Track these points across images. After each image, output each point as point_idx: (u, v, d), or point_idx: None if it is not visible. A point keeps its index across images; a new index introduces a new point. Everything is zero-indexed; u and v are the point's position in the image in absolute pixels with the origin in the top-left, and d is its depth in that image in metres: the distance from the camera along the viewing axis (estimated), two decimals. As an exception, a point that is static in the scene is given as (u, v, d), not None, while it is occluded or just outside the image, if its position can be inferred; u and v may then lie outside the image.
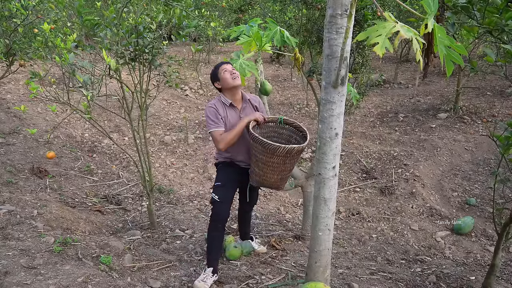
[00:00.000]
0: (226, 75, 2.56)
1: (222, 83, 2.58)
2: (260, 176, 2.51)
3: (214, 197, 2.59)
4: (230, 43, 12.69)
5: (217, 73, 2.60)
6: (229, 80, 2.56)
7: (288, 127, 2.69)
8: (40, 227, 2.91)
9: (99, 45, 2.85)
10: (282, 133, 2.72)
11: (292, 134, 2.69)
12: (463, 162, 5.20)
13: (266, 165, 2.40)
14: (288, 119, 2.67)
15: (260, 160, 2.40)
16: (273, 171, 2.44)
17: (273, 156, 2.31)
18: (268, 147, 2.27)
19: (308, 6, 4.88)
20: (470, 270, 3.00)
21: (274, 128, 2.72)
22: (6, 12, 3.93)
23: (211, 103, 2.60)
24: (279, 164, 2.39)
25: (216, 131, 2.51)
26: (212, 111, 2.54)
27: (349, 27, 1.49)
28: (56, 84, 6.42)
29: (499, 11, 1.77)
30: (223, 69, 2.57)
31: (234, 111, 2.63)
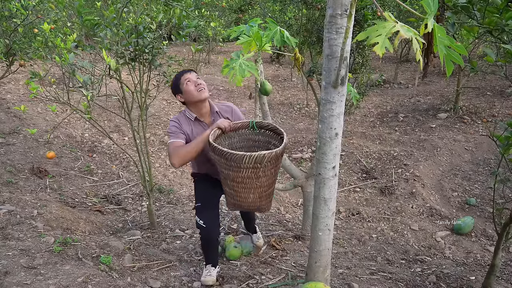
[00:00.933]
0: (189, 87, 2.25)
1: (186, 96, 2.27)
2: (233, 197, 2.12)
3: (199, 222, 2.37)
4: (230, 43, 12.70)
5: (178, 84, 2.28)
6: (193, 92, 2.25)
7: (264, 132, 2.30)
8: (40, 227, 2.92)
9: (99, 45, 2.85)
10: (258, 139, 2.35)
11: (270, 139, 2.31)
12: (463, 162, 5.20)
13: (236, 182, 1.99)
14: (261, 121, 2.29)
15: (228, 177, 2.00)
16: (246, 189, 2.02)
17: (240, 169, 1.91)
18: (231, 157, 1.86)
19: (308, 6, 4.88)
20: (470, 270, 3.00)
21: (248, 136, 2.35)
22: (6, 12, 3.93)
23: (174, 118, 2.33)
24: (250, 178, 1.96)
25: (172, 142, 2.19)
26: (173, 125, 2.27)
27: (349, 27, 1.49)
28: (56, 84, 6.42)
29: (499, 11, 1.77)
30: (186, 79, 2.26)
31: (201, 126, 2.33)
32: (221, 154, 1.92)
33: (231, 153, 1.87)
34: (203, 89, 2.27)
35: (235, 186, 2.03)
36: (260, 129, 2.30)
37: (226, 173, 2.01)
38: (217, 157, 1.98)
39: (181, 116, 2.34)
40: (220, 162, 1.99)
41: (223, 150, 1.89)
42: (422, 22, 1.08)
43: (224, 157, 1.91)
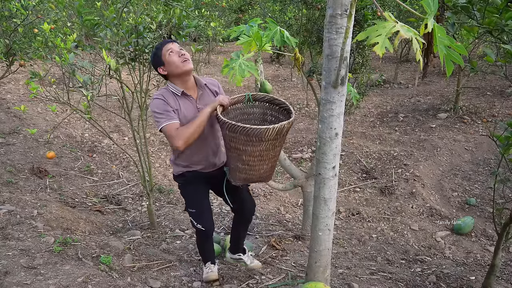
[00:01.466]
0: (173, 58, 2.05)
1: (169, 68, 2.07)
2: (245, 172, 2.09)
3: (197, 226, 2.32)
4: (230, 43, 12.70)
5: (160, 55, 2.06)
6: (177, 63, 2.05)
7: (259, 104, 2.25)
8: (40, 227, 2.92)
9: (99, 45, 2.85)
10: (253, 112, 2.29)
11: (266, 110, 2.26)
12: (463, 162, 5.20)
13: (253, 156, 1.99)
14: (256, 94, 2.23)
15: (245, 152, 1.97)
16: (262, 161, 2.03)
17: (260, 142, 1.91)
18: (253, 133, 1.84)
19: (308, 6, 4.88)
20: (470, 270, 3.00)
21: (242, 110, 2.28)
22: (6, 12, 3.93)
23: (156, 94, 2.09)
24: (268, 150, 1.98)
25: (168, 124, 2.00)
26: (160, 103, 2.04)
27: (349, 27, 1.49)
28: (56, 84, 6.42)
29: (499, 11, 1.77)
30: (168, 50, 2.05)
31: (189, 101, 2.14)
32: (241, 131, 1.86)
33: (254, 128, 1.84)
34: (188, 60, 2.08)
35: (251, 161, 2.01)
36: (256, 102, 2.24)
37: (242, 149, 1.96)
38: (233, 134, 1.91)
39: (165, 91, 2.11)
40: (237, 139, 1.93)
41: (245, 126, 1.84)
42: (422, 22, 1.08)
43: (244, 133, 1.86)
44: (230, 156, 2.12)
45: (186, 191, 2.36)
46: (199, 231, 2.36)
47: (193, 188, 2.32)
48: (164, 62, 2.07)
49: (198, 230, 2.36)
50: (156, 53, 2.09)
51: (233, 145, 1.99)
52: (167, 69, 2.09)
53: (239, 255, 2.67)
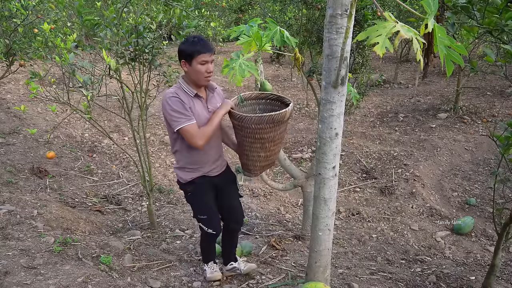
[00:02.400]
0: (201, 69, 2.04)
1: (192, 73, 2.07)
2: (266, 159, 2.28)
3: (208, 230, 2.37)
4: (230, 43, 12.69)
5: (192, 55, 2.02)
6: (201, 76, 2.07)
7: (247, 102, 2.44)
8: (40, 227, 2.92)
9: (99, 45, 2.85)
10: (245, 111, 2.45)
11: (256, 106, 2.47)
12: (463, 162, 5.20)
13: (274, 141, 2.19)
14: (246, 93, 2.41)
15: (268, 140, 2.15)
16: (279, 143, 2.26)
17: (281, 125, 2.11)
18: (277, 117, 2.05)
19: (308, 6, 4.88)
20: (470, 270, 3.00)
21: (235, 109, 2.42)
22: (6, 12, 3.93)
23: (171, 92, 2.09)
24: (283, 131, 2.21)
25: (189, 125, 2.04)
26: (177, 102, 2.04)
27: (349, 27, 1.49)
28: (56, 84, 6.42)
29: (499, 11, 1.77)
30: (202, 60, 2.03)
31: (200, 101, 2.17)
32: (268, 120, 2.04)
33: (277, 112, 2.05)
34: (210, 78, 2.13)
35: (272, 145, 2.20)
36: (245, 101, 2.42)
37: (266, 137, 2.13)
38: (260, 125, 2.07)
39: (179, 90, 2.11)
40: (261, 130, 2.10)
41: (270, 114, 2.04)
42: (422, 22, 1.08)
43: (271, 120, 2.04)
44: (249, 152, 2.25)
45: (196, 199, 2.36)
46: (209, 235, 2.40)
47: (202, 195, 2.35)
48: (191, 64, 2.05)
49: (208, 234, 2.40)
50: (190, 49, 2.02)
51: (258, 136, 2.13)
52: (188, 70, 2.08)
53: (231, 264, 2.63)
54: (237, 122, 2.17)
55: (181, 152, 2.25)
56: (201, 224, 2.39)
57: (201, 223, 2.39)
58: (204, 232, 2.41)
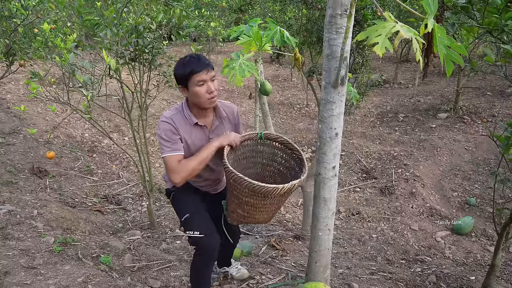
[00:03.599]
0: (200, 91, 1.79)
1: (192, 97, 1.83)
2: (244, 218, 1.96)
3: (193, 234, 1.90)
4: (230, 43, 12.69)
5: (187, 79, 1.78)
6: (203, 99, 1.81)
7: (270, 143, 2.08)
8: (40, 227, 2.92)
9: (99, 45, 2.85)
10: (263, 150, 2.11)
11: (277, 151, 2.10)
12: (463, 162, 5.20)
13: (255, 207, 1.84)
14: (270, 133, 2.05)
15: (246, 203, 1.83)
16: (263, 212, 1.90)
17: (266, 198, 1.76)
18: (259, 190, 1.68)
19: (308, 6, 4.88)
20: (470, 270, 3.00)
21: (252, 147, 2.11)
22: (6, 12, 3.93)
23: (166, 116, 1.84)
24: (272, 204, 1.85)
25: (171, 156, 1.79)
26: (168, 129, 1.81)
27: (349, 27, 1.49)
28: (56, 84, 6.41)
29: (498, 11, 1.77)
30: (200, 80, 1.78)
31: (202, 130, 1.93)
32: (247, 185, 1.68)
33: (260, 186, 1.67)
34: (215, 98, 1.83)
35: (252, 210, 1.86)
36: (267, 140, 2.06)
37: (245, 200, 1.81)
38: (237, 185, 1.73)
39: (177, 115, 1.87)
40: (239, 190, 1.77)
41: (251, 182, 1.67)
42: (422, 22, 1.08)
43: (250, 188, 1.69)
44: (230, 199, 1.94)
45: (179, 199, 2.04)
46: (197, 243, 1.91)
47: (188, 195, 2.05)
48: (187, 87, 1.81)
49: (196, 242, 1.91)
50: (182, 72, 1.79)
51: (235, 193, 1.82)
52: (188, 95, 1.85)
53: (224, 268, 2.53)
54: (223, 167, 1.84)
55: None
56: (185, 228, 1.96)
57: (185, 226, 1.96)
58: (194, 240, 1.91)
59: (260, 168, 2.15)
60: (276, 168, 2.13)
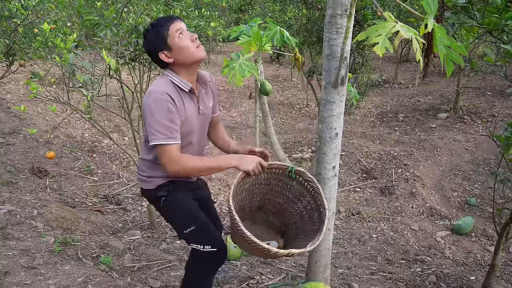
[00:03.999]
0: (186, 42, 1.57)
1: (178, 55, 1.58)
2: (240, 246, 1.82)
3: (205, 249, 1.68)
4: (230, 43, 12.69)
5: (165, 36, 1.55)
6: (192, 50, 1.58)
7: (301, 181, 1.84)
8: (40, 227, 2.92)
9: (99, 45, 2.85)
10: (292, 185, 1.88)
11: (305, 192, 1.84)
12: (463, 162, 5.19)
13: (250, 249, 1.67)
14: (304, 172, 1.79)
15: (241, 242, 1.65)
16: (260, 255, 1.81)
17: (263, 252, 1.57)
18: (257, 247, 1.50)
19: (308, 6, 4.88)
20: (470, 270, 3.00)
21: (279, 176, 1.87)
22: (6, 12, 3.93)
23: (159, 90, 1.54)
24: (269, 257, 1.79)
25: (170, 146, 1.53)
26: (166, 107, 1.52)
27: (349, 27, 1.49)
28: (56, 84, 6.42)
29: (498, 11, 1.77)
30: (177, 30, 1.56)
31: (191, 99, 1.67)
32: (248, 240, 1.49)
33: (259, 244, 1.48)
34: (201, 46, 1.63)
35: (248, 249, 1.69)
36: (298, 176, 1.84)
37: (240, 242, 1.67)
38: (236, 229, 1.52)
39: (169, 86, 1.58)
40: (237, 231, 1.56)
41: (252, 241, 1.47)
42: (422, 22, 1.08)
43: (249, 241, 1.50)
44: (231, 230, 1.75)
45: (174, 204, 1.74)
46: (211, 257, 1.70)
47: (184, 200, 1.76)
48: (170, 47, 1.57)
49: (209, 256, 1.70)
50: (158, 33, 1.56)
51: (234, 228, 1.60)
52: (174, 56, 1.59)
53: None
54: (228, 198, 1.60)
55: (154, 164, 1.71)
56: (191, 240, 1.71)
57: (191, 239, 1.71)
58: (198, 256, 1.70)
59: (283, 200, 1.95)
60: (300, 209, 1.91)
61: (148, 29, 1.61)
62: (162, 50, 1.59)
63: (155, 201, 1.77)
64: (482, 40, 5.81)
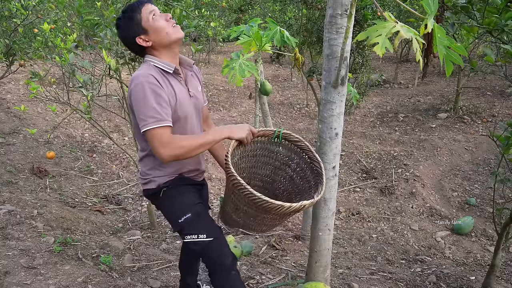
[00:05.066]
0: (160, 22, 1.53)
1: (155, 36, 1.54)
2: (237, 224, 1.78)
3: (198, 238, 1.55)
4: (230, 43, 12.69)
5: (138, 19, 1.52)
6: (168, 29, 1.54)
7: (287, 145, 1.83)
8: (40, 227, 2.92)
9: (99, 45, 2.86)
10: (278, 151, 1.85)
11: (294, 156, 1.83)
12: (463, 162, 5.20)
13: (253, 218, 1.63)
14: (290, 134, 1.77)
15: (244, 212, 1.61)
16: (261, 224, 1.69)
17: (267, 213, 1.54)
18: (262, 204, 1.44)
19: (308, 6, 4.88)
20: (470, 270, 3.00)
21: (265, 144, 1.84)
22: (6, 12, 3.93)
23: (142, 73, 1.49)
24: (274, 219, 1.64)
25: (161, 128, 1.45)
26: (150, 88, 1.45)
27: (349, 27, 1.49)
28: (56, 84, 6.42)
29: (498, 11, 1.77)
30: (151, 12, 1.53)
31: (179, 82, 1.61)
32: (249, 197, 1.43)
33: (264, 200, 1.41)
34: (178, 25, 1.59)
35: (249, 220, 1.65)
36: (284, 141, 1.82)
37: (243, 209, 1.58)
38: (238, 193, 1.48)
39: (150, 68, 1.53)
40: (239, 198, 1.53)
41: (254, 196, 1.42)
42: (422, 22, 1.08)
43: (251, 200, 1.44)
44: (227, 201, 1.71)
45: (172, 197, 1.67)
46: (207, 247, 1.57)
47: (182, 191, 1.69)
48: (146, 29, 1.53)
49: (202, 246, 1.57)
50: (131, 18, 1.53)
51: (233, 199, 1.59)
52: (152, 39, 1.54)
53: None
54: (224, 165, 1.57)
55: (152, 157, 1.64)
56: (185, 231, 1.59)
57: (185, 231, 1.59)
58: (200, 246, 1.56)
59: (270, 170, 1.92)
60: (289, 174, 1.89)
61: (120, 17, 1.58)
62: (138, 35, 1.55)
63: (156, 195, 1.69)
64: (482, 40, 5.81)
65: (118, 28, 1.60)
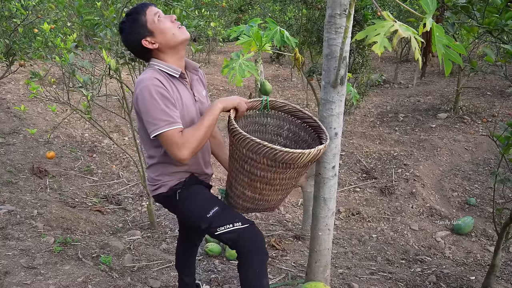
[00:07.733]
0: (166, 24, 1.52)
1: (162, 38, 1.52)
2: (253, 202, 1.67)
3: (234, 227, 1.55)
4: (230, 43, 12.70)
5: (143, 22, 1.51)
6: (174, 30, 1.53)
7: (275, 114, 1.81)
8: (40, 227, 2.92)
9: (99, 45, 2.86)
10: (267, 123, 1.82)
11: (283, 123, 1.81)
12: (463, 162, 5.19)
13: (270, 185, 1.55)
14: (275, 100, 1.73)
15: (261, 179, 1.53)
16: (278, 191, 1.61)
17: (286, 169, 1.46)
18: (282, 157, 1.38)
19: (308, 6, 4.88)
20: (470, 270, 3.00)
21: (254, 118, 1.81)
22: (6, 12, 3.93)
23: (147, 77, 1.47)
24: (291, 178, 1.56)
25: (172, 130, 1.44)
26: (158, 92, 1.44)
27: (348, 27, 1.49)
28: (56, 84, 6.42)
29: (499, 11, 1.77)
30: (155, 13, 1.52)
31: (185, 86, 1.61)
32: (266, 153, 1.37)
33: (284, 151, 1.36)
34: (183, 27, 1.58)
35: (266, 189, 1.57)
36: (272, 110, 1.78)
37: (260, 175, 1.50)
38: (253, 155, 1.42)
39: (157, 74, 1.50)
40: (253, 163, 1.46)
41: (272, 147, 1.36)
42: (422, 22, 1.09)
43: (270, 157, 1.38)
44: (235, 180, 1.64)
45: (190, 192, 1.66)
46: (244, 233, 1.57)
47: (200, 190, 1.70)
48: (152, 31, 1.51)
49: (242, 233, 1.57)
50: (136, 20, 1.51)
51: (247, 167, 1.50)
52: (158, 40, 1.52)
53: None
54: (229, 134, 1.52)
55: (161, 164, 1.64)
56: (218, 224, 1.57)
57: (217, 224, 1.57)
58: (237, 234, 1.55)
59: None
60: (282, 144, 1.85)
61: (124, 20, 1.56)
62: (144, 37, 1.53)
63: (171, 199, 1.67)
64: (482, 40, 5.81)
65: (122, 32, 1.58)
